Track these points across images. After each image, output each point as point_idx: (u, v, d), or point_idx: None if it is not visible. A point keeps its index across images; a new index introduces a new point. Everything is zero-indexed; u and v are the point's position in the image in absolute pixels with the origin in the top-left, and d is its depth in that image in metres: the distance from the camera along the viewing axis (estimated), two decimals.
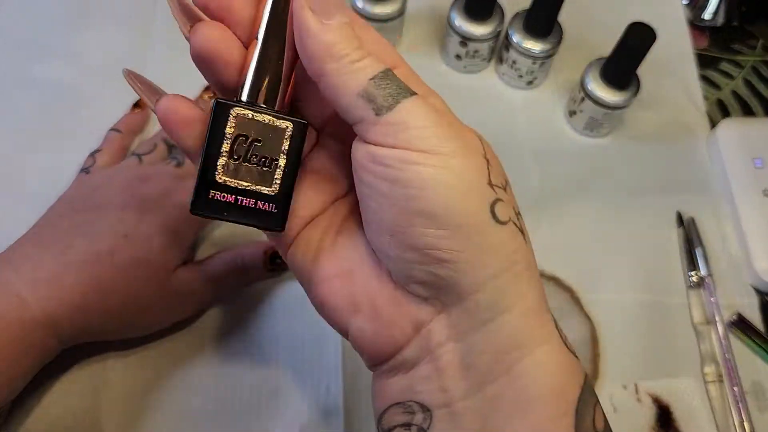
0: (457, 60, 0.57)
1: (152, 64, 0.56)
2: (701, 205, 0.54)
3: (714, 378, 0.47)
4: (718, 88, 0.60)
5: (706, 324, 0.49)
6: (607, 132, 0.56)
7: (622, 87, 0.52)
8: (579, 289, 0.50)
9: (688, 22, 0.63)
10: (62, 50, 0.56)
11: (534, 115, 0.57)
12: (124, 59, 0.56)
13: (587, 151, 0.56)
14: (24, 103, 0.54)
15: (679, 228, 0.53)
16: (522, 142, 0.56)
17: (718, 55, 0.62)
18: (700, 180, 0.55)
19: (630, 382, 0.47)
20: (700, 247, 0.52)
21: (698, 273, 0.51)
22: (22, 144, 0.52)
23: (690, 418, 0.46)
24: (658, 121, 0.58)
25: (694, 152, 0.57)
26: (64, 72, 0.55)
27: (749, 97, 0.60)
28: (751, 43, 0.63)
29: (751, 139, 0.55)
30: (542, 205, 0.53)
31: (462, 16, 0.54)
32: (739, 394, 0.46)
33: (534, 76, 0.57)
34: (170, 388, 0.44)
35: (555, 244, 0.51)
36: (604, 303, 0.50)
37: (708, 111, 0.59)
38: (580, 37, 0.58)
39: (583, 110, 0.54)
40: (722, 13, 0.62)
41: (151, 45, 0.57)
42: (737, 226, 0.52)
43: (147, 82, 0.33)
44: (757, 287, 0.51)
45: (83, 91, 0.55)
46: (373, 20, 0.54)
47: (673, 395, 0.47)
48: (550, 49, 0.54)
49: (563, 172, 0.55)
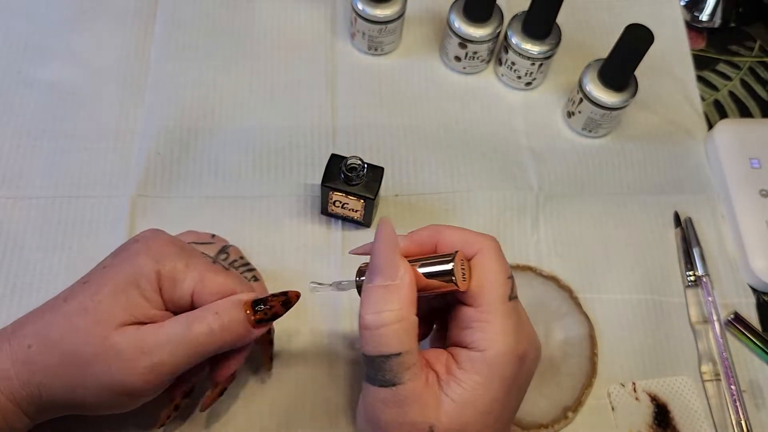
0: (457, 61, 0.57)
1: (152, 64, 0.57)
2: (698, 206, 0.54)
3: (711, 376, 0.48)
4: (715, 89, 0.61)
5: (704, 323, 0.50)
6: (605, 133, 0.57)
7: (619, 88, 0.52)
8: (577, 288, 0.50)
9: (685, 23, 0.63)
10: (62, 50, 0.56)
11: (532, 116, 0.57)
12: (124, 59, 0.57)
13: (585, 152, 0.56)
14: (26, 103, 0.54)
15: (676, 228, 0.53)
16: (520, 142, 0.56)
17: (715, 56, 0.62)
18: (698, 180, 0.56)
19: (628, 381, 0.48)
20: (697, 246, 0.52)
21: (695, 272, 0.51)
22: (22, 144, 0.52)
23: (687, 416, 0.47)
24: (655, 122, 0.58)
25: (691, 153, 0.57)
26: (64, 72, 0.56)
27: (746, 98, 0.60)
28: (749, 44, 0.63)
29: (748, 139, 0.55)
30: (541, 205, 0.53)
31: (461, 18, 0.54)
32: (736, 393, 0.47)
33: (533, 77, 0.57)
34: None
35: (553, 244, 0.52)
36: (602, 302, 0.50)
37: (705, 112, 0.59)
38: (578, 38, 0.59)
39: (582, 111, 0.54)
40: (719, 15, 0.63)
41: (151, 45, 0.57)
42: (734, 226, 0.53)
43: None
44: (754, 286, 0.51)
45: (83, 91, 0.55)
46: (373, 22, 0.55)
47: (670, 394, 0.47)
48: (548, 51, 0.54)
49: (561, 173, 0.55)
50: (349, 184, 0.47)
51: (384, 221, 0.33)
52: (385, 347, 0.32)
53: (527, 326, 0.35)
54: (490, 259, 0.34)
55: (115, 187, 0.51)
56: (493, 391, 0.32)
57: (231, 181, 0.52)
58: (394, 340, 0.32)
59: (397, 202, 0.52)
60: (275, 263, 0.49)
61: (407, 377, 0.32)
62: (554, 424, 0.45)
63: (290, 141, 0.54)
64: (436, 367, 0.33)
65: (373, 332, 0.32)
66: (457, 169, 0.54)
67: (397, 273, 0.32)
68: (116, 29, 0.58)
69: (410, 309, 0.32)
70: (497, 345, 0.32)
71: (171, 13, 0.59)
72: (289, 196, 0.52)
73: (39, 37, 0.57)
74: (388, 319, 0.32)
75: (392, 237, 0.33)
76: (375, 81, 0.58)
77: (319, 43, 0.59)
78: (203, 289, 0.37)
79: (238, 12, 0.60)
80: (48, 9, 0.58)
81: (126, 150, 0.53)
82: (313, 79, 0.57)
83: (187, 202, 0.51)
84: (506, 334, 0.33)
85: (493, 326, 0.33)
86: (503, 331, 0.33)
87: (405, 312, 0.32)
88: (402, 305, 0.32)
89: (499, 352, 0.32)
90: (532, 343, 0.35)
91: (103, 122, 0.54)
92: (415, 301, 0.33)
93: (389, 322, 0.32)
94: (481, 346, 0.32)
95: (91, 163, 0.52)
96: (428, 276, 0.33)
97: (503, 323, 0.33)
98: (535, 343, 0.35)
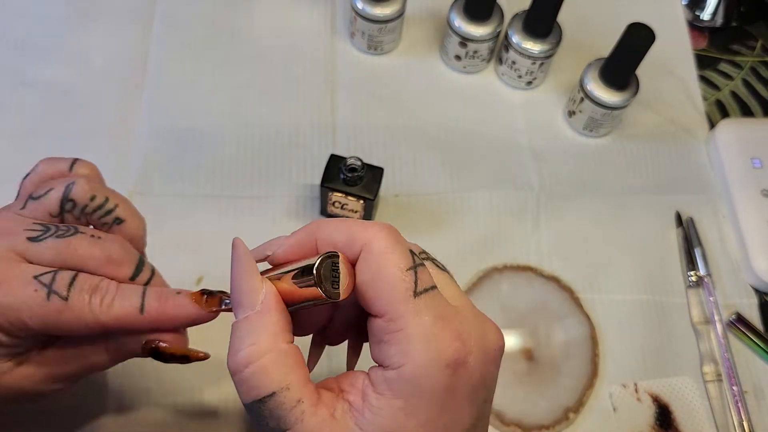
0: (457, 60, 0.57)
1: (150, 64, 0.56)
2: (700, 205, 0.54)
3: (713, 377, 0.48)
4: (717, 89, 0.60)
5: (706, 323, 0.49)
6: (606, 132, 0.56)
7: (621, 87, 0.52)
8: (578, 288, 0.50)
9: (687, 22, 0.63)
10: (62, 50, 0.56)
11: (533, 115, 0.57)
12: (123, 59, 0.56)
13: (586, 152, 0.56)
14: (24, 103, 0.54)
15: (678, 228, 0.53)
16: (521, 142, 0.56)
17: (717, 55, 0.62)
18: (699, 180, 0.56)
19: (629, 382, 0.47)
20: (699, 247, 0.52)
21: (697, 273, 0.51)
22: (22, 144, 0.52)
23: (689, 417, 0.46)
24: (657, 121, 0.58)
25: (692, 153, 0.57)
26: (64, 72, 0.55)
27: (748, 98, 0.60)
28: (750, 43, 0.63)
29: (749, 139, 0.55)
30: (542, 205, 0.53)
31: (461, 17, 0.54)
32: (738, 394, 0.46)
33: (533, 76, 0.57)
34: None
35: (554, 244, 0.51)
36: (604, 303, 0.50)
37: (707, 111, 0.59)
38: (579, 37, 0.59)
39: (583, 110, 0.54)
40: (721, 14, 0.62)
41: (151, 45, 0.57)
42: (736, 226, 0.53)
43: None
44: (756, 287, 0.51)
45: (83, 91, 0.55)
46: (373, 21, 0.54)
47: (672, 394, 0.47)
48: (549, 50, 0.54)
49: (562, 173, 0.55)
50: (348, 184, 0.47)
51: (235, 242, 0.29)
52: (255, 390, 0.26)
53: (460, 320, 0.27)
54: (379, 252, 0.27)
55: (112, 185, 0.51)
56: (419, 414, 0.26)
57: (230, 181, 0.52)
58: (263, 378, 0.26)
59: (397, 202, 0.52)
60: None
61: (294, 418, 0.26)
62: (555, 425, 0.45)
63: (289, 141, 0.54)
64: (350, 396, 0.27)
65: (239, 376, 0.26)
66: (457, 169, 0.54)
67: (256, 299, 0.27)
68: (115, 29, 0.58)
69: (277, 337, 0.27)
70: (415, 356, 0.26)
71: (169, 12, 0.59)
72: (288, 196, 0.52)
73: (37, 37, 0.57)
74: (251, 355, 0.26)
75: (245, 260, 0.28)
76: (375, 80, 0.57)
77: (318, 42, 0.58)
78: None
79: (236, 11, 0.59)
80: (46, 8, 0.58)
81: (124, 149, 0.53)
82: (312, 79, 0.57)
83: (184, 201, 0.51)
84: (423, 340, 0.26)
85: (404, 334, 0.26)
86: (418, 337, 0.26)
87: (271, 342, 0.26)
88: (266, 335, 0.27)
89: (418, 364, 0.25)
90: (473, 338, 0.27)
91: (102, 122, 0.54)
92: (285, 325, 0.27)
93: (253, 358, 0.26)
94: (396, 362, 0.26)
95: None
96: (301, 287, 0.27)
97: (416, 327, 0.26)
98: (479, 337, 0.27)
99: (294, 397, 0.26)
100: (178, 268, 0.48)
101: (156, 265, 0.35)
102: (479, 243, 0.51)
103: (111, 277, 0.31)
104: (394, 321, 0.26)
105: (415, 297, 0.26)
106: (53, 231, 0.31)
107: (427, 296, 0.27)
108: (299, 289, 0.27)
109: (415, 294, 0.26)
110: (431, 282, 0.27)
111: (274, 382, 0.26)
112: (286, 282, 0.28)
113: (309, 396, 0.26)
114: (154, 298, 0.31)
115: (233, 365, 0.27)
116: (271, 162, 0.53)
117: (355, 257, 0.28)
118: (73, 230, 0.31)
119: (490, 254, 0.50)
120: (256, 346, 0.26)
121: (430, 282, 0.27)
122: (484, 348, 0.27)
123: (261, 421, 0.26)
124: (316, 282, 0.27)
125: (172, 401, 0.44)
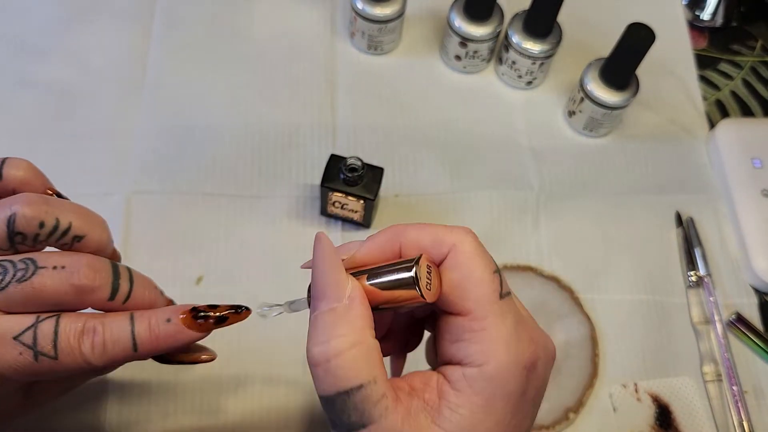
0: (457, 60, 0.57)
1: (150, 63, 0.56)
2: (700, 205, 0.54)
3: (713, 377, 0.48)
4: (717, 89, 0.60)
5: (706, 323, 0.49)
6: (607, 132, 0.56)
7: (621, 87, 0.52)
8: (578, 288, 0.50)
9: (687, 22, 0.63)
10: (61, 51, 0.56)
11: (533, 115, 0.57)
12: (122, 58, 0.56)
13: (586, 151, 0.56)
14: (24, 103, 0.54)
15: (678, 228, 0.53)
16: (521, 142, 0.56)
17: (717, 55, 0.62)
18: (699, 180, 0.55)
19: (630, 382, 0.47)
20: (699, 246, 0.52)
21: (697, 273, 0.51)
22: (21, 144, 0.52)
23: (689, 417, 0.46)
24: (657, 121, 0.58)
25: (693, 152, 0.57)
26: (62, 71, 0.55)
27: (748, 98, 0.60)
28: (750, 43, 0.63)
29: (749, 139, 0.55)
30: (542, 205, 0.53)
31: (462, 17, 0.54)
32: (738, 394, 0.46)
33: (533, 76, 0.57)
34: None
35: (554, 244, 0.51)
36: (604, 303, 0.50)
37: (707, 111, 0.59)
38: (579, 37, 0.59)
39: (583, 110, 0.54)
40: (721, 14, 0.62)
41: (151, 45, 0.57)
42: (736, 226, 0.53)
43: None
44: (756, 287, 0.51)
45: (82, 91, 0.55)
46: (373, 21, 0.54)
47: (672, 394, 0.47)
48: (549, 50, 0.54)
49: (562, 172, 0.55)
50: (348, 184, 0.47)
51: (319, 236, 0.29)
52: (343, 381, 0.26)
53: (531, 326, 0.29)
54: (468, 254, 0.28)
55: (112, 185, 0.51)
56: (497, 413, 0.27)
57: (230, 181, 0.52)
58: (351, 370, 0.26)
59: (397, 203, 0.52)
60: (274, 264, 0.49)
61: (378, 413, 0.26)
62: (555, 425, 0.45)
63: (289, 141, 0.54)
64: (425, 395, 0.28)
65: (324, 367, 0.26)
66: (457, 169, 0.54)
67: (343, 293, 0.27)
68: (114, 29, 0.58)
69: (365, 331, 0.27)
70: (498, 356, 0.27)
71: (169, 12, 0.59)
72: (288, 196, 0.52)
73: (36, 37, 0.57)
74: (339, 346, 0.26)
75: (331, 252, 0.28)
76: (375, 80, 0.57)
77: (318, 42, 0.58)
78: None
79: (236, 11, 0.59)
80: (46, 8, 0.58)
81: (124, 149, 0.52)
82: (312, 79, 0.57)
83: (184, 199, 0.51)
84: (507, 341, 0.27)
85: (488, 334, 0.27)
86: (502, 338, 0.27)
87: (359, 335, 0.26)
88: (353, 328, 0.27)
89: (501, 364, 0.27)
90: (541, 345, 0.29)
91: (101, 121, 0.54)
92: (370, 321, 0.27)
93: (341, 350, 0.26)
94: (477, 361, 0.27)
95: (88, 162, 0.52)
96: (385, 288, 0.28)
97: (500, 328, 0.27)
98: (544, 345, 0.29)
99: (380, 391, 0.26)
100: (178, 267, 0.49)
101: (156, 264, 0.35)
102: None
103: (89, 304, 0.29)
104: (479, 320, 0.27)
105: (501, 298, 0.28)
106: (12, 273, 0.28)
107: (509, 299, 0.28)
108: (381, 291, 0.28)
109: (501, 296, 0.28)
110: (509, 287, 0.29)
111: (362, 374, 0.26)
112: (363, 282, 0.28)
113: (390, 392, 0.27)
114: (144, 332, 0.29)
115: (317, 356, 0.26)
116: (271, 162, 0.53)
117: (440, 259, 0.29)
118: (32, 268, 0.28)
119: (490, 254, 0.50)
120: (345, 338, 0.26)
121: (508, 287, 0.29)
122: (548, 354, 0.30)
123: (342, 415, 0.26)
124: (415, 282, 0.27)
125: (172, 401, 0.44)
